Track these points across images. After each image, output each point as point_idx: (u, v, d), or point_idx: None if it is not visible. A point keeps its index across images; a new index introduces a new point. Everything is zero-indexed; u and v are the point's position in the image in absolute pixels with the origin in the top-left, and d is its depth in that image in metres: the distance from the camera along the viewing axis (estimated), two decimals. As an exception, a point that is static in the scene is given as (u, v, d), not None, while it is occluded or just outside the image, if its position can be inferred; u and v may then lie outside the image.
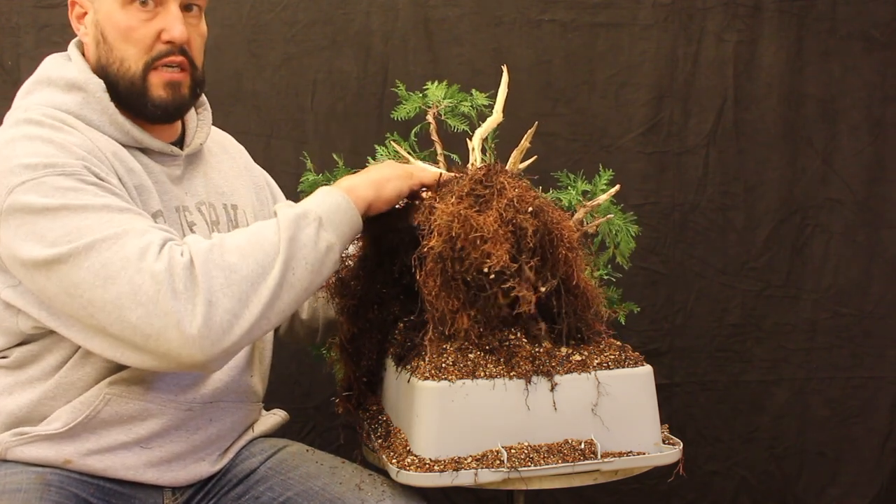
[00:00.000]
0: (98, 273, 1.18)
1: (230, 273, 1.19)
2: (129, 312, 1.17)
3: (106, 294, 1.18)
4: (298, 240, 1.25)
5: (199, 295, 1.17)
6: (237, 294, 1.19)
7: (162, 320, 1.16)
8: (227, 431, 1.50)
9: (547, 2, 2.31)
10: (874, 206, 2.40)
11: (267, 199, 1.67)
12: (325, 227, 1.28)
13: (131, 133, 1.39)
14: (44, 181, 1.23)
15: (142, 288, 1.17)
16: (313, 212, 1.28)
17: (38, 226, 1.22)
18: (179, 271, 1.17)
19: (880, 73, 2.38)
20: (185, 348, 1.17)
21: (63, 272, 1.20)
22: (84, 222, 1.21)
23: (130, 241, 1.19)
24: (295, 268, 1.24)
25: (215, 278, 1.18)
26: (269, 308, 1.22)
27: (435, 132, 1.61)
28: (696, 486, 2.41)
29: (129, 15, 1.36)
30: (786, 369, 2.42)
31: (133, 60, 1.38)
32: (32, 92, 1.40)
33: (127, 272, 1.17)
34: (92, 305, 1.19)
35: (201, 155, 1.54)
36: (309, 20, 2.25)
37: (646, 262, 2.36)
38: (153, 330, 1.17)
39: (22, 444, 1.35)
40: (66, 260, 1.19)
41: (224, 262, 1.20)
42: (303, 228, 1.26)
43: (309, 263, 1.25)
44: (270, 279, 1.22)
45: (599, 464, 1.32)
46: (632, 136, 2.34)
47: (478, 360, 1.34)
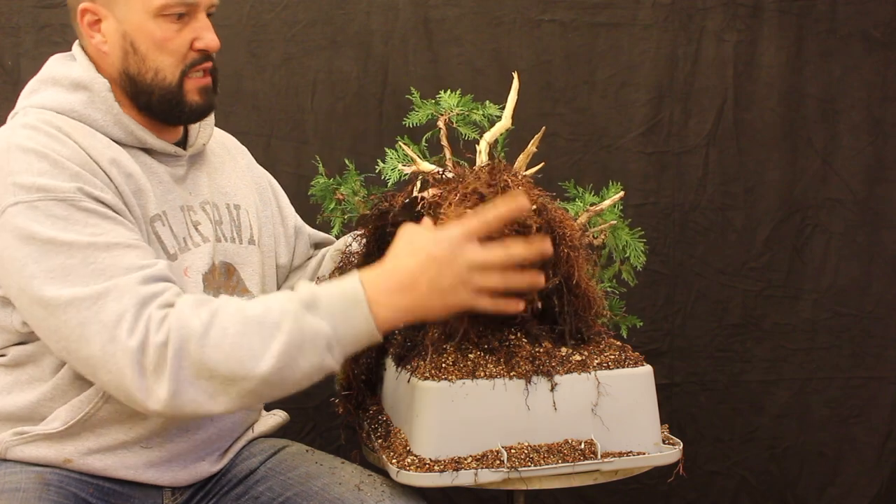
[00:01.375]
0: (74, 330, 1.21)
1: (202, 371, 1.18)
2: (100, 374, 1.22)
3: (80, 351, 1.22)
4: (295, 366, 1.19)
5: (165, 380, 1.18)
6: (207, 390, 1.19)
7: (128, 390, 1.20)
8: (228, 431, 1.51)
9: (547, 2, 2.31)
10: (874, 206, 2.40)
11: (269, 199, 1.67)
12: (332, 353, 1.20)
13: (136, 133, 1.39)
14: (36, 206, 1.24)
15: (113, 358, 1.19)
16: (326, 336, 1.19)
17: (22, 254, 1.23)
18: (151, 352, 1.18)
19: (880, 73, 2.38)
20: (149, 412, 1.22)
21: (42, 315, 1.23)
22: (69, 262, 1.22)
23: (109, 304, 1.20)
24: (281, 386, 1.21)
25: (185, 370, 1.18)
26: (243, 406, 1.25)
27: (445, 137, 1.61)
28: (696, 486, 2.41)
29: (162, 26, 1.37)
30: (786, 369, 2.42)
31: (169, 70, 1.39)
32: (37, 91, 1.41)
33: (101, 338, 1.19)
34: (67, 352, 1.24)
35: (204, 155, 1.54)
36: (309, 20, 2.25)
37: (646, 262, 2.36)
38: (121, 394, 1.23)
39: (22, 444, 1.35)
40: (46, 306, 1.22)
41: (198, 359, 1.18)
42: (306, 354, 1.19)
43: (298, 384, 1.22)
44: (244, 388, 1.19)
45: (599, 464, 1.32)
46: (632, 136, 2.34)
47: (478, 360, 1.34)
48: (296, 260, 1.72)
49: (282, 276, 1.68)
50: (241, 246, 1.52)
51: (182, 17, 1.38)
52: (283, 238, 1.67)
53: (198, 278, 1.42)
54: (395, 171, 1.62)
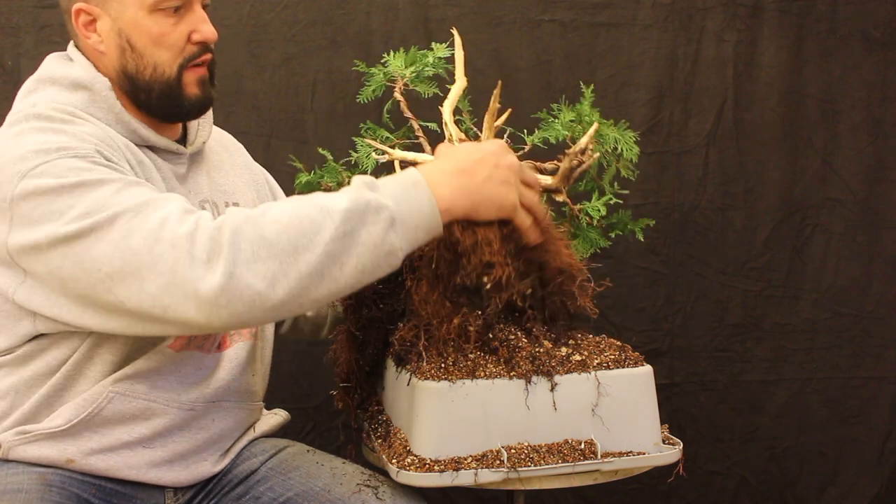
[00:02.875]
0: (118, 245, 1.16)
1: (260, 247, 1.13)
2: (148, 283, 1.14)
3: (126, 266, 1.15)
4: (358, 236, 1.14)
5: (220, 264, 1.12)
6: (266, 272, 1.12)
7: (181, 290, 1.13)
8: (230, 431, 1.51)
9: (547, 2, 2.31)
10: (874, 206, 2.40)
11: (266, 196, 1.67)
12: (395, 230, 1.17)
13: (138, 131, 1.39)
14: (57, 163, 1.22)
15: (162, 257, 1.14)
16: (389, 209, 1.16)
17: (56, 204, 1.19)
18: (202, 237, 1.14)
19: (880, 73, 2.38)
20: (201, 318, 1.14)
21: (83, 247, 1.17)
22: (103, 195, 1.19)
23: (152, 211, 1.17)
24: (344, 262, 1.15)
25: (243, 251, 1.12)
26: (301, 295, 1.14)
27: (406, 108, 1.59)
28: (696, 486, 2.41)
29: (158, 21, 1.36)
30: (786, 369, 2.42)
31: (167, 65, 1.38)
32: (35, 91, 1.40)
33: (147, 242, 1.14)
34: (111, 279, 1.17)
35: (203, 153, 1.54)
36: (309, 20, 2.25)
37: (646, 262, 2.37)
38: (172, 300, 1.14)
39: (24, 443, 1.35)
40: (88, 234, 1.17)
41: (257, 234, 1.14)
42: (368, 224, 1.15)
43: (361, 263, 1.16)
44: (306, 263, 1.13)
45: (599, 464, 1.32)
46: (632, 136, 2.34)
47: (478, 360, 1.34)
48: None
49: None
50: None
51: (178, 10, 1.37)
52: None
53: None
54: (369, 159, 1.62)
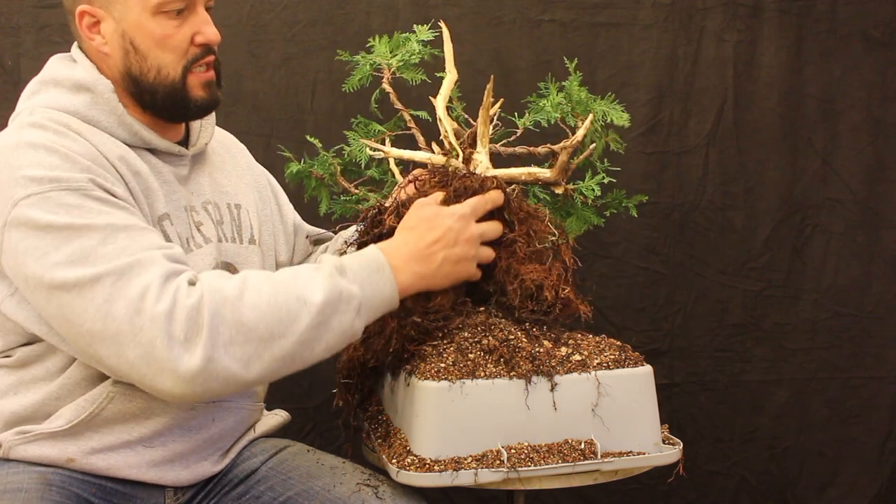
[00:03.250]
0: (100, 308, 1.19)
1: (238, 333, 1.19)
2: (127, 350, 1.18)
3: (106, 330, 1.19)
4: (330, 325, 1.23)
5: (199, 346, 1.17)
6: (242, 355, 1.19)
7: (158, 364, 1.17)
8: (230, 431, 1.51)
9: (547, 2, 2.31)
10: (874, 206, 2.40)
11: (269, 197, 1.67)
12: (361, 315, 1.26)
13: (140, 133, 1.39)
14: (49, 196, 1.23)
15: (142, 330, 1.17)
16: (357, 298, 1.25)
17: (42, 243, 1.22)
18: (180, 316, 1.17)
19: (880, 73, 2.38)
20: (176, 390, 1.19)
21: (65, 300, 1.21)
22: (89, 244, 1.21)
23: (135, 276, 1.19)
24: (314, 347, 1.24)
25: (221, 334, 1.18)
26: (272, 374, 1.23)
27: (396, 100, 1.59)
28: (696, 486, 2.41)
29: (161, 23, 1.36)
30: (786, 369, 2.42)
31: (171, 67, 1.39)
32: (38, 92, 1.40)
33: (128, 312, 1.17)
34: (91, 336, 1.20)
35: (206, 155, 1.54)
36: (309, 20, 2.25)
37: (646, 262, 2.36)
38: (149, 370, 1.18)
39: (25, 443, 1.35)
40: (70, 289, 1.20)
41: (236, 319, 1.19)
42: (340, 313, 1.24)
43: (330, 347, 1.26)
44: (280, 349, 1.21)
45: (599, 464, 1.32)
46: (632, 136, 2.33)
47: (478, 360, 1.34)
48: (296, 257, 1.72)
49: None
50: (241, 246, 1.52)
51: (181, 12, 1.37)
52: (283, 235, 1.68)
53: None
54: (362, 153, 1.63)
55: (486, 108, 1.45)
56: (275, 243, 1.64)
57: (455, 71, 1.54)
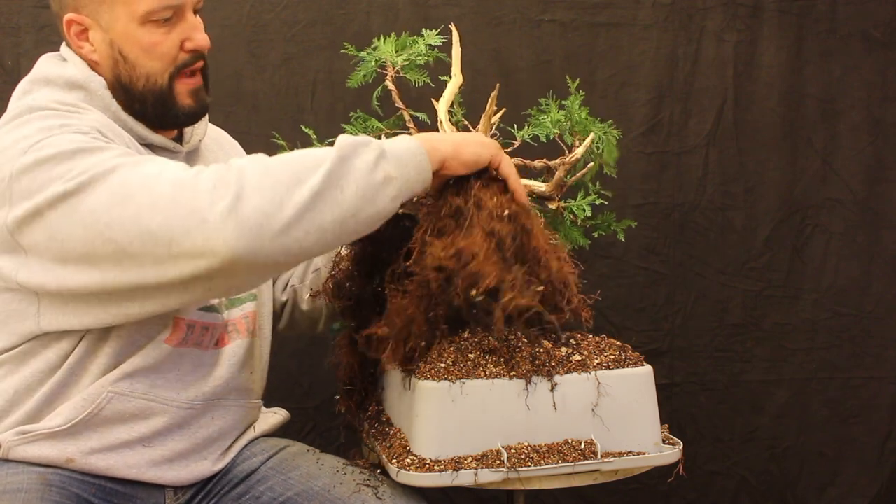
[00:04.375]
0: (116, 192, 1.15)
1: (264, 176, 1.13)
2: (148, 221, 1.12)
3: (124, 211, 1.14)
4: (351, 161, 1.18)
5: (227, 190, 1.11)
6: (270, 196, 1.12)
7: (184, 219, 1.11)
8: (229, 430, 1.51)
9: (547, 2, 2.31)
10: (874, 206, 2.40)
11: None
12: (386, 160, 1.22)
13: (135, 129, 1.39)
14: (58, 137, 1.22)
15: (162, 195, 1.13)
16: (377, 143, 1.22)
17: (57, 169, 1.19)
18: (207, 173, 1.14)
19: (880, 73, 2.38)
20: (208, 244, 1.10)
21: (81, 200, 1.16)
22: (103, 157, 1.19)
23: (150, 163, 1.18)
24: (343, 186, 1.17)
25: (248, 178, 1.13)
26: (308, 217, 1.14)
27: (398, 98, 1.59)
28: (696, 486, 2.41)
29: (149, 31, 1.35)
30: (786, 369, 2.42)
31: (159, 74, 1.38)
32: (30, 92, 1.39)
33: (146, 185, 1.14)
34: (110, 228, 1.14)
35: (199, 151, 1.54)
36: (309, 20, 2.25)
37: (646, 262, 2.36)
38: (175, 233, 1.11)
39: (24, 443, 1.35)
40: (86, 187, 1.16)
41: (261, 167, 1.15)
42: (360, 154, 1.20)
43: (360, 188, 1.18)
44: (309, 186, 1.14)
45: (599, 464, 1.32)
46: (632, 136, 2.34)
47: (478, 360, 1.34)
48: None
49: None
50: None
51: (169, 20, 1.36)
52: None
53: None
54: None
55: (488, 116, 1.45)
56: None
57: (461, 75, 1.54)
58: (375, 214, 1.21)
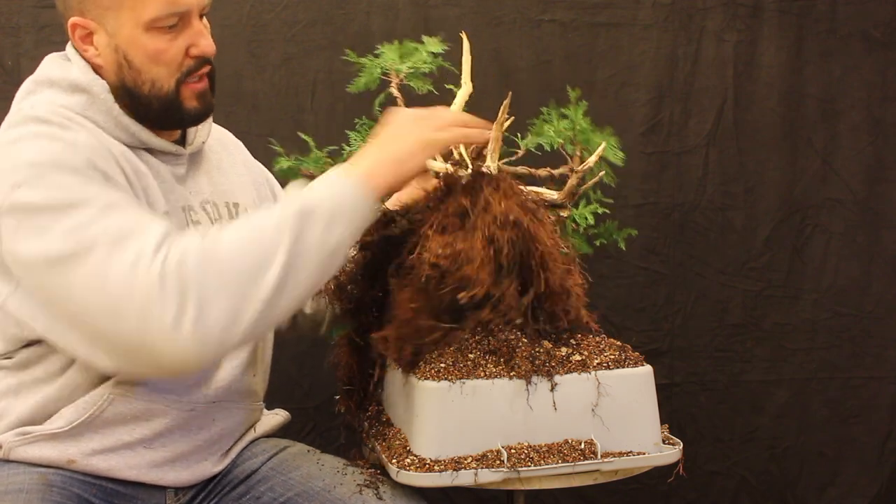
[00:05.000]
0: (95, 276, 1.18)
1: (224, 272, 1.17)
2: (123, 319, 1.17)
3: (101, 299, 1.18)
4: (304, 241, 1.21)
5: (191, 301, 1.15)
6: (231, 299, 1.17)
7: (155, 324, 1.15)
8: (230, 431, 1.51)
9: (547, 2, 2.31)
10: (874, 206, 2.40)
11: (266, 195, 1.67)
12: (334, 225, 1.23)
13: (136, 134, 1.39)
14: (46, 177, 1.23)
15: (135, 294, 1.16)
16: (321, 208, 1.23)
17: (39, 221, 1.21)
18: (171, 274, 1.16)
19: (880, 73, 2.38)
20: (177, 353, 1.16)
21: (61, 273, 1.19)
22: (84, 218, 1.20)
23: (129, 244, 1.18)
24: (299, 269, 1.20)
25: (209, 276, 1.16)
26: (270, 308, 1.19)
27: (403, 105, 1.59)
28: (696, 486, 2.41)
29: (154, 38, 1.35)
30: (786, 369, 2.42)
31: (165, 80, 1.38)
32: (34, 92, 1.39)
33: (122, 278, 1.17)
34: (87, 311, 1.19)
35: (203, 153, 1.54)
36: (309, 20, 2.25)
37: (646, 262, 2.36)
38: (147, 336, 1.16)
39: (25, 444, 1.35)
40: (66, 261, 1.19)
41: (219, 267, 1.18)
42: (309, 228, 1.21)
43: (311, 266, 1.22)
44: (266, 284, 1.18)
45: (599, 464, 1.32)
46: (632, 136, 2.34)
47: (478, 360, 1.34)
48: None
49: None
50: None
51: (174, 27, 1.35)
52: None
53: None
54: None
55: (499, 124, 1.45)
56: None
57: (471, 84, 1.54)
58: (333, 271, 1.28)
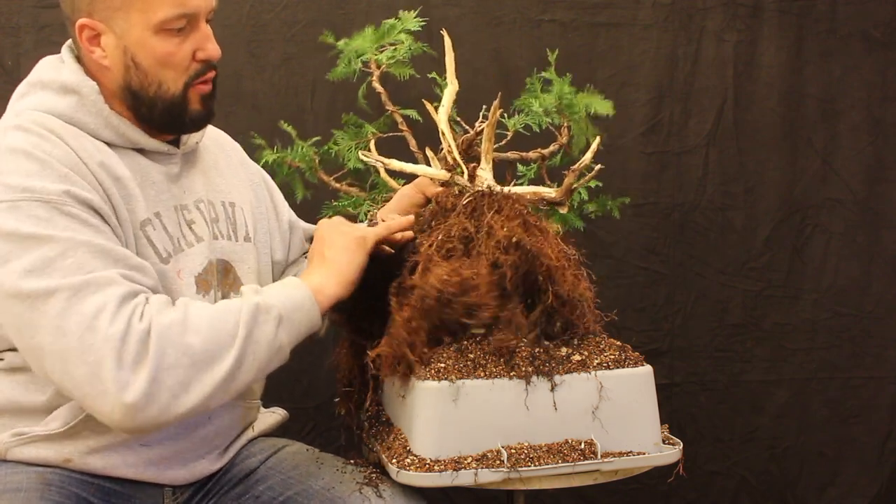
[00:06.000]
0: (52, 321, 1.19)
1: (182, 355, 1.21)
2: (73, 368, 1.19)
3: (55, 344, 1.20)
4: (254, 336, 1.27)
5: (145, 369, 1.19)
6: (183, 377, 1.21)
7: (103, 385, 1.18)
8: (226, 429, 1.51)
9: (547, 2, 2.31)
10: (874, 206, 2.41)
11: (263, 195, 1.67)
12: (283, 327, 1.30)
13: (127, 134, 1.39)
14: (19, 205, 1.23)
15: (91, 348, 1.18)
16: (276, 308, 1.30)
17: (4, 249, 1.22)
18: (132, 340, 1.19)
19: (880, 73, 2.38)
20: (116, 415, 1.20)
21: (18, 309, 1.22)
22: (48, 255, 1.21)
23: (90, 295, 1.20)
24: (244, 363, 1.26)
25: (167, 356, 1.20)
26: (209, 397, 1.24)
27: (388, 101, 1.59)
28: (696, 486, 2.41)
29: (163, 41, 1.35)
30: (786, 369, 2.42)
31: (172, 83, 1.38)
32: (27, 94, 1.40)
33: (80, 328, 1.18)
34: (40, 349, 1.21)
35: (198, 153, 1.54)
36: (309, 20, 2.25)
37: (646, 262, 2.36)
38: (93, 390, 1.19)
39: (21, 445, 1.35)
40: (24, 299, 1.21)
41: (180, 343, 1.22)
42: (261, 325, 1.28)
43: (258, 360, 1.28)
44: (219, 371, 1.24)
45: (599, 464, 1.32)
46: (632, 136, 2.34)
47: (478, 360, 1.34)
48: (291, 255, 1.72)
49: (278, 272, 1.68)
50: (236, 244, 1.52)
51: (182, 29, 1.36)
52: (278, 233, 1.67)
53: (190, 280, 1.42)
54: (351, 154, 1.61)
55: (491, 126, 1.45)
56: (270, 241, 1.64)
57: (456, 82, 1.53)
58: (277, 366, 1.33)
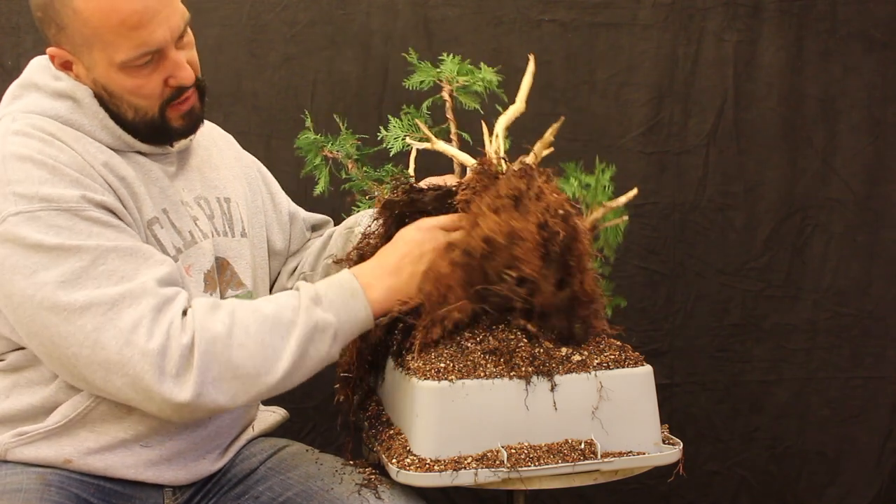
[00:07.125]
0: (88, 336, 1.21)
1: (226, 370, 1.23)
2: (114, 377, 1.22)
3: (94, 356, 1.21)
4: (308, 354, 1.29)
5: (189, 382, 1.21)
6: (229, 391, 1.25)
7: (146, 393, 1.22)
8: (227, 428, 1.51)
9: (547, 2, 2.31)
10: (874, 206, 2.40)
11: (259, 187, 1.67)
12: (337, 342, 1.33)
13: (123, 137, 1.39)
14: (38, 216, 1.23)
15: (130, 361, 1.20)
16: (333, 326, 1.31)
17: (31, 261, 1.22)
18: (175, 355, 1.21)
19: (880, 73, 2.38)
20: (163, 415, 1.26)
21: (52, 321, 1.22)
22: (78, 265, 1.22)
23: (126, 308, 1.21)
24: (293, 376, 1.30)
25: (211, 371, 1.22)
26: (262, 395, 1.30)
27: (451, 110, 1.61)
28: (696, 486, 2.41)
29: (130, 77, 1.34)
30: (786, 369, 2.42)
31: (148, 108, 1.38)
32: (20, 97, 1.39)
33: (118, 342, 1.20)
34: (77, 359, 1.22)
35: (192, 150, 1.54)
36: (309, 20, 2.25)
37: (646, 262, 2.36)
38: (136, 396, 1.23)
39: (21, 445, 1.35)
40: (59, 313, 1.21)
41: (225, 359, 1.23)
42: (317, 343, 1.30)
43: (307, 372, 1.32)
44: (265, 384, 1.27)
45: (599, 464, 1.32)
46: (632, 136, 2.34)
47: (478, 360, 1.34)
48: (293, 245, 1.72)
49: (279, 262, 1.69)
50: (233, 239, 1.52)
51: (150, 62, 1.34)
52: (277, 224, 1.68)
53: (199, 277, 1.42)
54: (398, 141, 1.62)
55: (544, 143, 1.48)
56: (267, 233, 1.64)
57: (524, 104, 1.56)
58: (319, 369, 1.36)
